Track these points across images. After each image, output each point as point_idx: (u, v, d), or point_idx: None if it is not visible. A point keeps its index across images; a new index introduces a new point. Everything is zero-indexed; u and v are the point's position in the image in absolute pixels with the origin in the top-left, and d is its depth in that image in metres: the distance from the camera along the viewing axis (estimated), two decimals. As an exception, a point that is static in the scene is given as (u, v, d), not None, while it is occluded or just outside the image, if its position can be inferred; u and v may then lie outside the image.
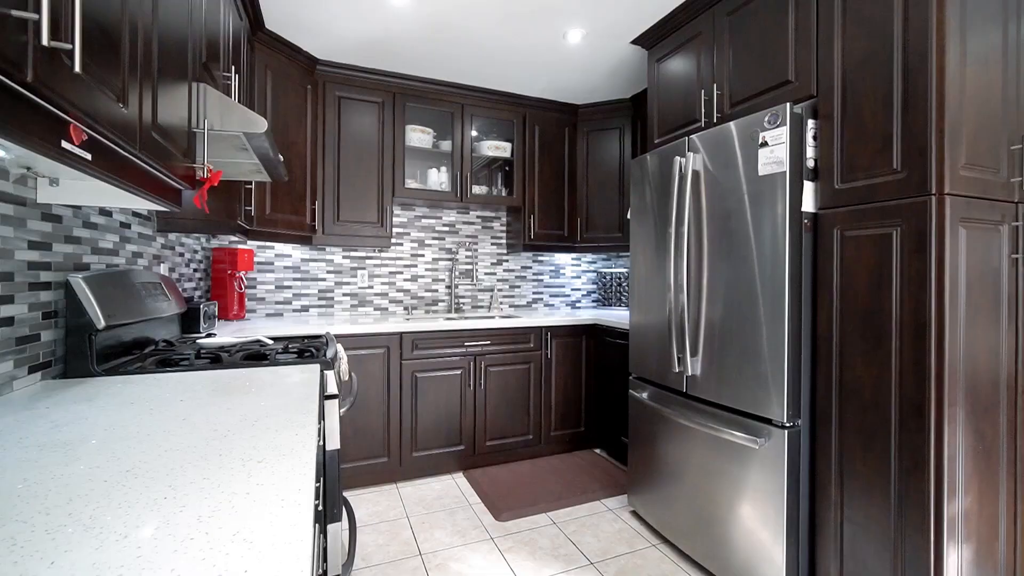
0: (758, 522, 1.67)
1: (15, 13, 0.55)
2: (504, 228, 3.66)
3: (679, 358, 2.01)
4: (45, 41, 0.56)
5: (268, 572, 0.44)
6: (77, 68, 0.63)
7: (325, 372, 1.46)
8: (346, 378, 1.66)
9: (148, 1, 0.99)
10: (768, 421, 1.66)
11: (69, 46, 0.62)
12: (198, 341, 1.74)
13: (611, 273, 3.79)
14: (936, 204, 1.30)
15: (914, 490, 1.34)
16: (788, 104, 1.59)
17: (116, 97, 0.84)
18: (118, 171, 0.89)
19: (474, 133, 3.34)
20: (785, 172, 1.59)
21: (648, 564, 1.97)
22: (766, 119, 1.64)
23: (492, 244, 3.62)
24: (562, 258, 3.88)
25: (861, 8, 1.49)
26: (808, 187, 1.62)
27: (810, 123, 1.63)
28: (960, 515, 1.33)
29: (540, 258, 3.79)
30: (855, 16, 1.51)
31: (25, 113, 0.62)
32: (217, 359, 1.47)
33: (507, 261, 3.68)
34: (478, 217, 3.58)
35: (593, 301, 4.01)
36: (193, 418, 0.91)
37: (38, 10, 0.56)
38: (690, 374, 1.96)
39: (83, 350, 1.26)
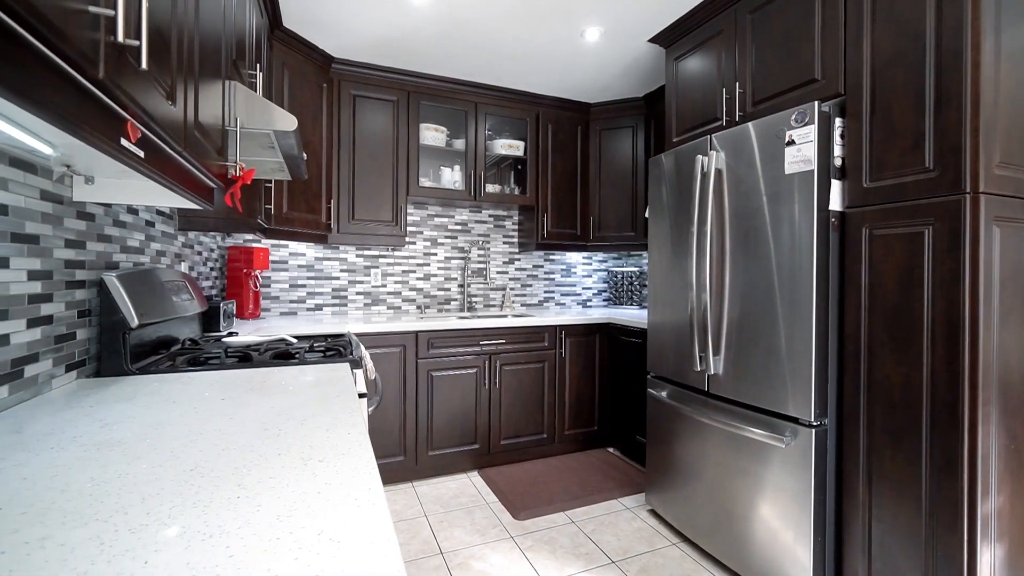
0: (783, 521, 1.67)
1: (92, 9, 0.54)
2: (516, 227, 3.66)
3: (701, 357, 2.01)
4: (120, 38, 0.56)
5: (366, 572, 0.44)
6: (143, 65, 0.62)
7: (354, 371, 1.46)
8: (372, 377, 1.66)
9: (192, 0, 0.99)
10: (794, 420, 1.65)
11: (137, 43, 0.61)
12: (223, 340, 1.73)
13: (622, 272, 3.79)
14: (970, 203, 1.30)
15: (947, 489, 1.34)
16: (816, 102, 1.58)
17: (166, 95, 0.84)
18: (164, 168, 0.89)
19: (487, 132, 3.33)
20: (813, 171, 1.59)
21: (669, 563, 1.97)
22: (793, 117, 1.64)
23: (504, 243, 3.62)
24: (573, 257, 3.87)
25: (892, 6, 1.48)
26: (835, 186, 1.62)
27: (837, 121, 1.62)
28: (993, 514, 1.33)
29: (551, 257, 3.79)
30: (885, 14, 1.50)
31: (93, 110, 0.61)
32: (246, 358, 1.47)
33: (519, 260, 3.67)
34: (490, 216, 3.58)
35: (604, 300, 4.00)
36: (240, 417, 0.91)
37: (114, 7, 0.56)
38: (712, 373, 1.96)
39: (117, 348, 1.26)
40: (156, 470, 0.66)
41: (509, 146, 3.25)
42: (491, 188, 3.26)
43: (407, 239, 3.30)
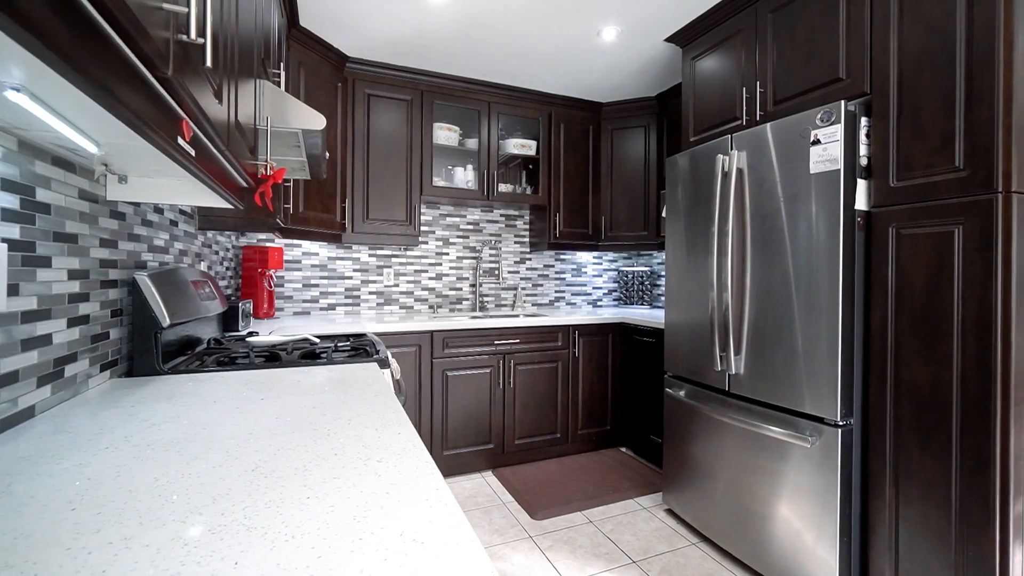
0: (806, 521, 1.67)
1: (166, 6, 0.54)
2: (527, 226, 3.66)
3: (721, 356, 2.01)
4: (193, 35, 0.56)
5: (460, 572, 0.44)
6: (208, 63, 0.62)
7: (382, 371, 1.46)
8: (398, 377, 1.66)
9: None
10: (819, 420, 1.65)
11: (203, 41, 0.61)
12: (248, 340, 1.73)
13: (632, 272, 3.79)
14: (1002, 202, 1.30)
15: (978, 490, 1.33)
16: (842, 101, 1.58)
17: (215, 93, 0.84)
18: (210, 167, 0.89)
19: (500, 131, 3.33)
20: (839, 170, 1.59)
21: (690, 563, 1.97)
22: (819, 116, 1.64)
23: (515, 242, 3.62)
24: (584, 256, 3.87)
25: (919, 5, 1.48)
26: (861, 185, 1.62)
27: (863, 120, 1.62)
28: (1025, 514, 1.32)
29: (562, 256, 3.79)
30: (913, 13, 1.50)
31: (157, 108, 0.61)
32: (274, 357, 1.46)
33: (530, 259, 3.67)
34: (501, 215, 3.58)
35: (614, 300, 4.00)
36: (285, 416, 0.91)
37: (187, 5, 0.55)
38: (733, 372, 1.96)
39: (148, 348, 1.25)
40: (217, 470, 0.66)
41: (521, 145, 3.25)
42: (503, 187, 3.26)
43: (419, 239, 3.30)
